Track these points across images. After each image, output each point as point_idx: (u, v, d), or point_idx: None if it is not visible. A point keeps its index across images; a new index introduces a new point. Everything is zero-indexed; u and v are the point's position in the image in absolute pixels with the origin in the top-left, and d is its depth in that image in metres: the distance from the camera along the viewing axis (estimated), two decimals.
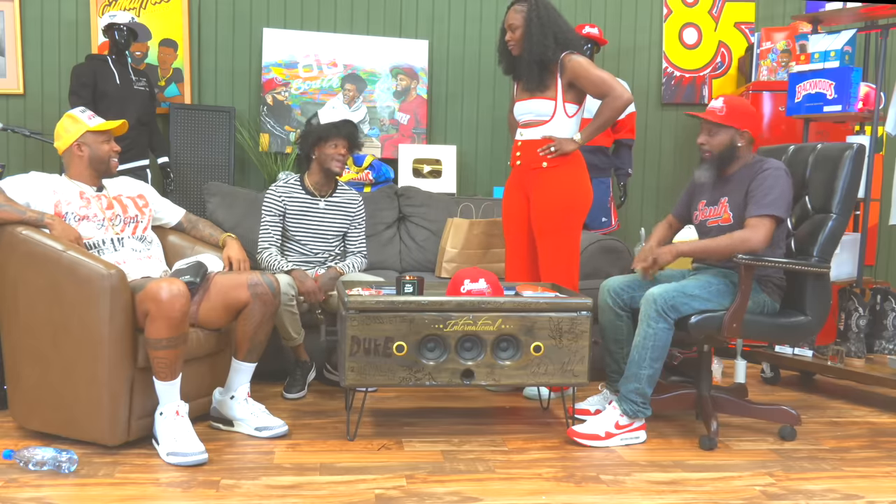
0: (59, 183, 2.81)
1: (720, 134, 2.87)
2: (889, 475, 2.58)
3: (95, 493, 2.27)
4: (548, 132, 3.30)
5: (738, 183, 2.89)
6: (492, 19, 4.86)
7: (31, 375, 2.64)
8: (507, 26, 3.31)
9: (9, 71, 4.53)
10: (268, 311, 2.78)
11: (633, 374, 2.78)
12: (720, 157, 2.89)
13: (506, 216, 3.50)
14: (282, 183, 3.41)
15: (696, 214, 3.05)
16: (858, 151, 2.92)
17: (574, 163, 3.31)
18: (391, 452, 2.67)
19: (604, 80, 3.22)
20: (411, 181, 4.67)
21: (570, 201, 3.28)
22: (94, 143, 2.84)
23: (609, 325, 3.02)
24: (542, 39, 3.21)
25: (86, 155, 2.83)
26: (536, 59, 3.24)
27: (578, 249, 3.36)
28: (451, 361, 2.72)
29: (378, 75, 4.74)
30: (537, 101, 3.29)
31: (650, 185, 5.03)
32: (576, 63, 3.23)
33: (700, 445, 2.80)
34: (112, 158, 2.87)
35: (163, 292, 2.47)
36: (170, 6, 4.60)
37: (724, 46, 4.97)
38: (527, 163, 3.35)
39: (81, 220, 2.77)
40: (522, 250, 3.45)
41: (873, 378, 3.34)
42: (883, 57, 3.66)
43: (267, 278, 2.77)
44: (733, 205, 2.89)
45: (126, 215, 2.88)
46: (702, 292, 2.79)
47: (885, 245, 5.09)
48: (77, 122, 2.83)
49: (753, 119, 2.89)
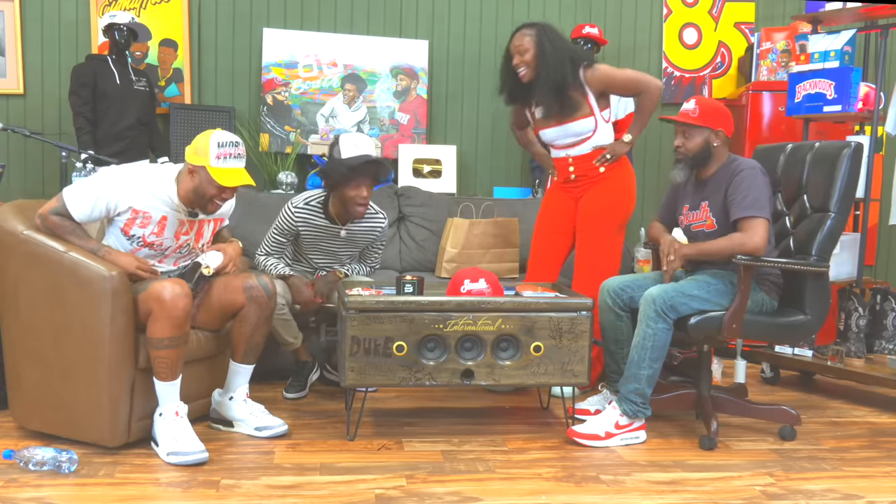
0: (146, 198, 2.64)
1: (695, 136, 2.88)
2: (889, 475, 2.58)
3: (95, 493, 2.27)
4: (596, 143, 3.33)
5: (716, 185, 2.90)
6: (492, 19, 4.86)
7: (32, 376, 2.64)
8: (515, 49, 3.26)
9: (9, 71, 4.53)
10: (263, 313, 2.77)
11: (632, 374, 2.78)
12: (696, 158, 2.90)
13: (545, 216, 3.49)
14: (302, 203, 3.18)
15: (681, 219, 3.05)
16: (856, 150, 2.92)
17: (625, 167, 3.37)
18: (391, 452, 2.67)
19: (631, 78, 3.27)
20: (411, 181, 4.67)
21: (619, 203, 3.34)
22: (206, 182, 2.59)
23: (609, 325, 3.02)
24: (558, 65, 3.19)
25: (193, 183, 2.62)
26: (555, 87, 3.21)
27: (619, 255, 3.38)
28: (451, 361, 2.72)
29: (378, 75, 4.74)
30: (575, 124, 3.29)
31: (650, 185, 5.03)
32: (599, 73, 3.25)
33: (700, 445, 2.80)
34: (215, 201, 2.64)
35: (165, 292, 2.47)
36: (170, 6, 4.60)
37: (724, 46, 4.97)
38: (583, 174, 3.37)
39: (143, 248, 2.70)
40: (553, 251, 3.46)
41: (873, 378, 3.34)
42: (883, 57, 3.66)
43: (262, 281, 2.76)
44: (715, 209, 2.89)
45: (196, 245, 2.80)
46: (700, 292, 2.79)
47: (885, 245, 5.09)
48: (205, 151, 2.56)
49: (726, 118, 2.91)
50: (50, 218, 2.60)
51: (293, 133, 4.68)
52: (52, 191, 4.58)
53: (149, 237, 2.69)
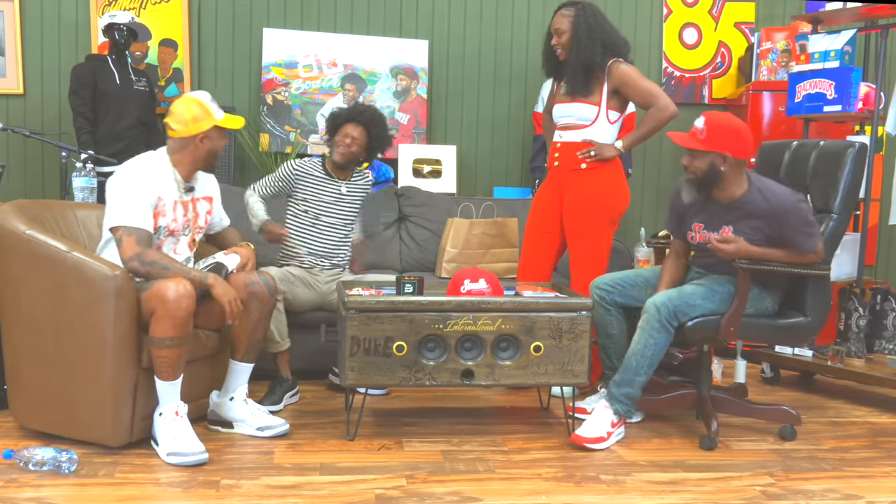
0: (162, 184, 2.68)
1: (701, 157, 2.74)
2: (889, 475, 2.58)
3: (95, 493, 2.27)
4: (588, 136, 3.30)
5: (743, 212, 2.78)
6: (492, 19, 4.86)
7: (33, 375, 2.64)
8: (554, 30, 3.30)
9: (9, 71, 4.53)
10: (265, 309, 2.78)
11: (628, 379, 2.78)
12: (702, 180, 2.78)
13: (534, 215, 3.49)
14: (306, 160, 3.45)
15: (692, 235, 2.95)
16: (860, 150, 2.91)
17: (612, 167, 3.32)
18: (391, 452, 2.67)
19: (650, 91, 3.23)
20: (411, 181, 4.67)
21: (605, 203, 3.30)
22: (217, 138, 2.73)
23: (599, 319, 3.03)
24: (590, 45, 3.20)
25: (205, 148, 2.71)
26: (583, 65, 3.23)
27: (608, 252, 3.37)
28: (451, 361, 2.72)
29: (378, 75, 4.74)
30: (580, 105, 3.29)
31: (650, 185, 5.03)
32: (623, 72, 3.24)
33: (700, 445, 2.80)
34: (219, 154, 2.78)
35: (169, 292, 2.47)
36: (170, 6, 4.60)
37: (724, 46, 4.97)
38: (565, 164, 3.35)
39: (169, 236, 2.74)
40: (541, 250, 3.45)
41: (873, 378, 3.34)
42: (883, 57, 3.66)
43: (264, 277, 2.77)
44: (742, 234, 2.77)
45: (196, 225, 2.83)
46: (705, 302, 2.78)
47: (885, 245, 5.09)
48: (207, 113, 2.69)
49: (736, 139, 2.71)
50: (145, 253, 2.56)
51: (293, 133, 4.68)
52: (52, 191, 4.59)
53: (171, 224, 2.72)
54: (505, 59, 4.89)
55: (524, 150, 4.94)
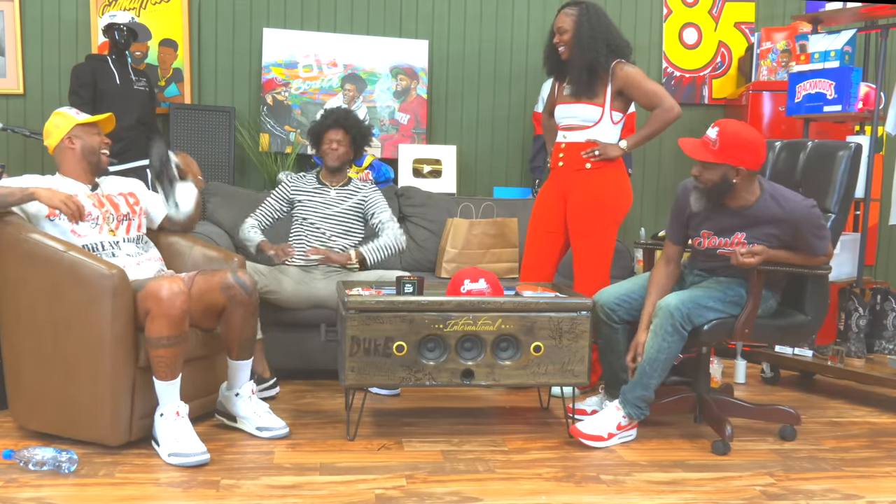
0: (54, 182, 2.80)
1: (712, 169, 2.67)
2: (889, 475, 2.58)
3: (95, 493, 2.27)
4: (592, 136, 3.30)
5: (756, 219, 2.75)
6: (492, 19, 4.86)
7: (32, 376, 2.64)
8: (556, 29, 3.30)
9: (9, 71, 4.53)
10: (247, 310, 2.78)
11: (643, 383, 2.77)
12: (712, 191, 2.72)
13: (536, 215, 3.49)
14: (298, 175, 3.66)
15: (700, 241, 2.88)
16: (856, 149, 2.92)
17: (616, 167, 3.32)
18: (391, 452, 2.67)
19: (655, 92, 3.23)
20: (411, 181, 4.67)
21: (609, 203, 3.30)
22: (85, 135, 2.83)
23: (604, 336, 3.00)
24: (592, 45, 3.20)
25: (77, 147, 2.82)
26: (587, 66, 3.23)
27: (612, 252, 3.36)
28: (451, 361, 2.72)
29: (378, 75, 4.74)
30: (584, 106, 3.29)
31: (650, 185, 5.03)
32: (628, 73, 3.24)
33: (712, 450, 2.76)
34: (103, 150, 2.86)
35: (163, 291, 2.47)
36: (170, 6, 4.60)
37: (724, 46, 4.97)
38: (569, 164, 3.35)
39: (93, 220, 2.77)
40: (544, 251, 3.45)
41: (873, 378, 3.34)
42: (883, 57, 3.66)
43: (239, 279, 2.75)
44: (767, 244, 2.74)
45: (119, 213, 2.86)
46: (717, 304, 2.76)
47: (885, 245, 5.09)
48: (66, 118, 2.83)
49: (750, 152, 2.64)
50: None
51: (293, 133, 4.68)
52: None
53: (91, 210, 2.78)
54: (505, 59, 4.89)
55: (524, 150, 4.94)
